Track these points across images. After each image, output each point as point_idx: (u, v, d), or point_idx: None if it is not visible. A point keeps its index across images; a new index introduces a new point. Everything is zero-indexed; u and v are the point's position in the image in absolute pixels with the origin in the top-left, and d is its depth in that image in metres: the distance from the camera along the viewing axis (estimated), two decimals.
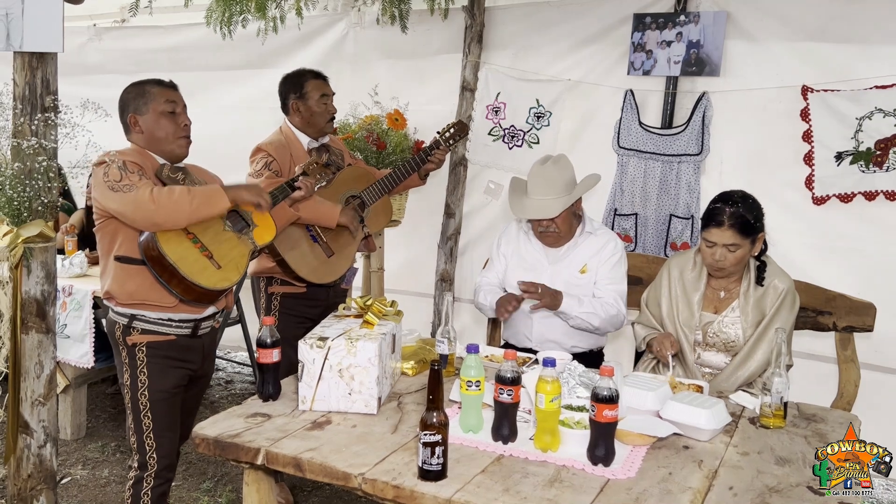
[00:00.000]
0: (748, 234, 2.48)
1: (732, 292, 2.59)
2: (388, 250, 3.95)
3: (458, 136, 3.30)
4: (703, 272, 2.62)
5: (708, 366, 2.61)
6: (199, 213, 2.21)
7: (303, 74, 3.03)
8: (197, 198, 2.20)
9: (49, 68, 2.08)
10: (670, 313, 2.64)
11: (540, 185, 2.75)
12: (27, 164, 2.06)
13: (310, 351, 2.04)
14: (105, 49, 4.85)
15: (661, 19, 3.48)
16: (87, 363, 3.51)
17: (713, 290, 2.62)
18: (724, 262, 2.50)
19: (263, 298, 3.02)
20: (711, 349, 2.59)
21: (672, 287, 2.66)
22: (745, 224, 2.46)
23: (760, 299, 2.53)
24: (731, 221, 2.45)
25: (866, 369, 2.82)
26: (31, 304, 2.17)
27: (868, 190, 3.16)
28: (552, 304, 2.71)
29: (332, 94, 3.05)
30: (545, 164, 2.79)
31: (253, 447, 1.86)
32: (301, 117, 3.00)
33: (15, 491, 2.24)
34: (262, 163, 2.86)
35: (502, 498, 1.63)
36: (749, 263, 2.57)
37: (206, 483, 3.34)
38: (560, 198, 2.72)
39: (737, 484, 1.75)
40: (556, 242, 2.85)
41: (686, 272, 2.66)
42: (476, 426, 1.94)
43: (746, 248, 2.50)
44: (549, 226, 2.78)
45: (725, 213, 2.47)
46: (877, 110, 3.10)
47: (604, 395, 1.74)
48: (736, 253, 2.48)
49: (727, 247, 2.47)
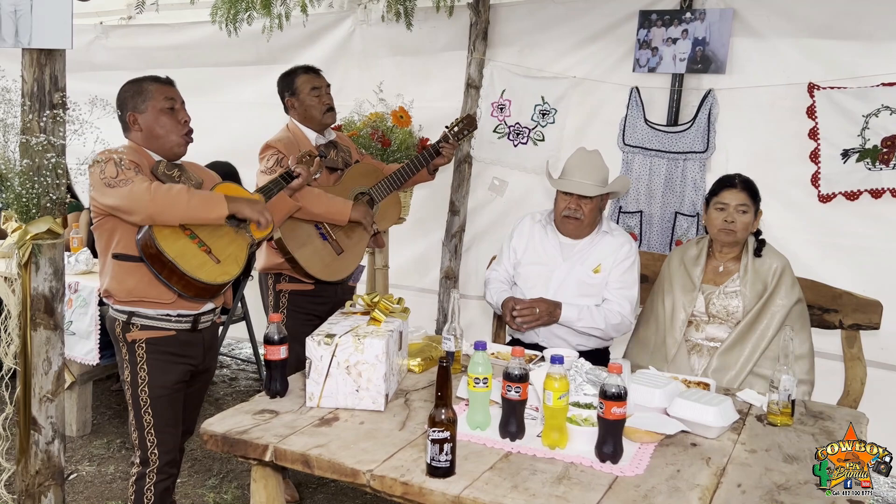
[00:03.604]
0: (754, 200, 2.69)
1: (731, 269, 2.72)
2: (393, 247, 3.96)
3: (468, 130, 3.31)
4: (704, 250, 2.75)
5: (713, 339, 2.67)
6: (196, 214, 2.21)
7: (293, 71, 3.04)
8: (195, 198, 2.20)
9: (58, 65, 2.07)
10: (671, 292, 2.73)
11: (582, 167, 2.82)
12: (36, 160, 2.06)
13: (317, 348, 2.04)
14: (112, 47, 4.87)
15: (666, 16, 3.47)
16: (92, 360, 3.52)
17: (713, 266, 2.74)
18: (735, 225, 2.64)
19: (271, 296, 3.02)
20: (715, 320, 2.67)
21: (673, 269, 2.78)
22: (753, 190, 2.70)
23: (759, 269, 2.66)
24: (742, 185, 2.69)
25: (872, 367, 2.83)
26: (40, 301, 2.17)
27: (874, 188, 3.16)
28: (550, 319, 2.76)
29: (324, 86, 3.04)
30: (590, 152, 2.88)
31: (261, 444, 1.86)
32: (298, 113, 3.01)
33: (23, 487, 2.24)
34: (273, 159, 2.86)
35: (511, 495, 1.63)
36: (748, 241, 2.72)
37: (211, 479, 3.35)
38: (597, 185, 2.81)
39: (745, 481, 1.75)
40: (576, 231, 2.86)
41: (686, 254, 2.79)
42: (483, 423, 1.95)
43: (751, 216, 2.68)
44: (577, 209, 2.80)
45: (737, 178, 2.72)
46: (883, 108, 3.09)
47: (612, 393, 1.74)
48: (745, 217, 2.65)
49: (738, 208, 2.65)
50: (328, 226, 2.94)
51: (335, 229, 2.95)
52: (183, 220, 2.22)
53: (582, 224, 2.83)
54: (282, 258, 2.89)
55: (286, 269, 2.94)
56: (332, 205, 2.86)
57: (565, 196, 2.83)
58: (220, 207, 2.24)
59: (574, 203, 2.81)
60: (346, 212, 2.88)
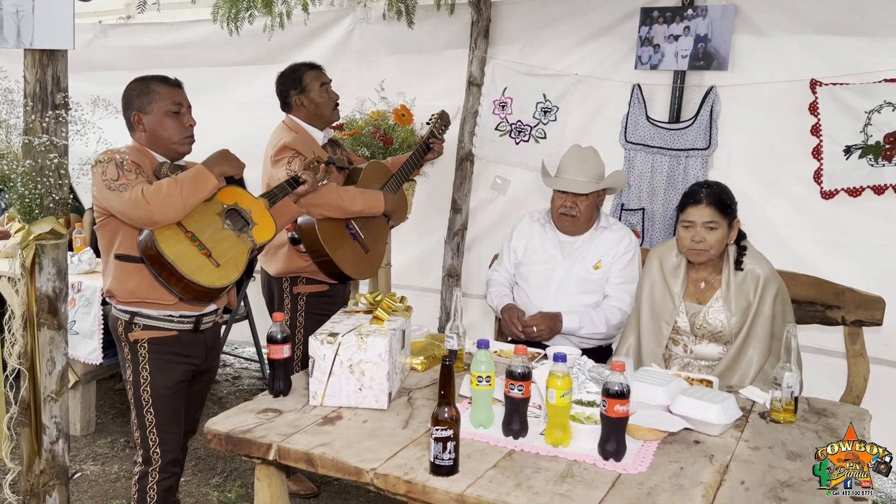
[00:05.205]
0: (725, 214, 2.52)
1: (713, 283, 2.60)
2: (396, 246, 3.96)
3: (445, 126, 3.40)
4: (683, 262, 2.63)
5: (703, 358, 2.61)
6: (193, 199, 2.21)
7: (298, 68, 3.03)
8: (185, 185, 2.20)
9: (59, 65, 2.08)
10: (650, 302, 2.64)
11: (575, 164, 2.82)
12: (38, 161, 2.06)
13: (320, 347, 2.05)
14: (111, 46, 4.86)
15: (668, 13, 3.47)
16: (95, 359, 3.53)
17: (693, 280, 2.62)
18: (704, 244, 2.51)
19: (288, 299, 3.00)
20: (702, 341, 2.59)
21: (653, 277, 2.68)
22: (722, 203, 2.52)
23: (741, 285, 2.54)
24: (708, 199, 2.52)
25: (875, 363, 2.82)
26: (43, 301, 2.17)
27: (877, 184, 3.15)
28: (551, 333, 2.77)
29: (330, 81, 3.04)
30: (584, 149, 2.87)
31: (265, 442, 1.86)
32: (306, 111, 2.99)
33: (28, 487, 2.25)
34: (297, 161, 2.77)
35: (514, 493, 1.64)
36: (727, 251, 2.58)
37: (215, 478, 3.36)
38: (591, 181, 2.80)
39: (748, 478, 1.75)
40: (573, 228, 2.86)
41: (666, 261, 2.66)
42: (487, 421, 1.95)
43: (724, 231, 2.52)
44: (572, 207, 2.81)
45: (702, 192, 2.55)
46: (886, 104, 3.08)
47: (615, 391, 1.74)
48: (714, 233, 2.51)
49: (706, 225, 2.51)
50: (357, 226, 2.94)
51: (363, 228, 2.96)
52: (186, 211, 2.21)
53: (578, 221, 2.84)
54: (307, 261, 2.88)
55: (307, 271, 2.93)
56: (367, 199, 2.89)
57: (561, 194, 2.84)
58: (208, 180, 2.24)
59: (570, 201, 2.81)
60: (381, 203, 2.92)
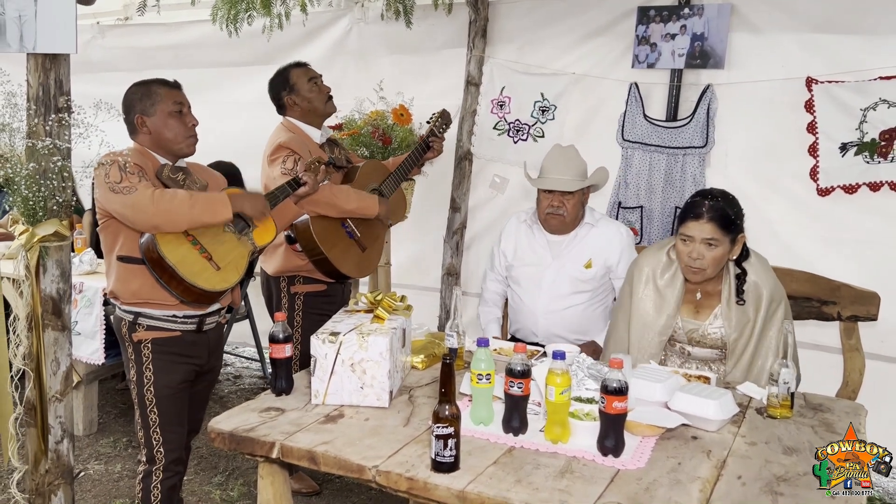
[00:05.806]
0: (728, 231, 2.34)
1: (712, 295, 2.45)
2: (395, 245, 3.98)
3: (447, 125, 3.39)
4: (678, 273, 2.46)
5: (701, 359, 2.53)
6: (200, 219, 2.24)
7: (285, 70, 3.06)
8: (198, 204, 2.22)
9: (62, 69, 2.10)
10: (641, 315, 2.47)
11: (559, 164, 2.84)
12: (42, 164, 2.08)
13: (322, 346, 2.07)
14: (109, 47, 4.86)
15: (665, 12, 3.49)
16: (98, 359, 3.55)
17: (689, 290, 2.46)
18: (702, 262, 2.34)
19: (286, 298, 3.01)
20: (698, 345, 2.51)
21: (644, 289, 2.50)
22: (725, 218, 2.33)
23: (744, 308, 2.40)
24: (710, 214, 2.33)
25: (870, 359, 2.84)
26: (47, 303, 2.19)
27: (873, 181, 3.17)
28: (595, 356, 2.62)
29: (319, 76, 3.05)
30: (565, 148, 2.90)
31: (268, 441, 1.89)
32: (300, 108, 3.00)
33: (34, 486, 2.27)
34: (292, 160, 2.80)
35: (514, 489, 1.66)
36: (728, 266, 2.42)
37: (217, 477, 3.38)
38: (576, 179, 2.82)
39: (745, 473, 1.77)
40: (560, 227, 2.88)
41: (658, 273, 2.49)
42: (487, 419, 1.97)
43: (725, 248, 2.34)
44: (559, 206, 2.82)
45: (704, 205, 2.35)
46: (881, 101, 3.11)
47: (613, 387, 1.76)
48: (714, 251, 2.33)
49: (706, 242, 2.33)
50: (353, 224, 2.96)
51: (359, 227, 2.97)
52: (188, 227, 2.24)
53: (566, 220, 2.86)
54: (304, 260, 2.89)
55: (304, 271, 2.94)
56: (361, 199, 2.90)
57: (547, 194, 2.85)
58: (224, 211, 2.26)
59: (557, 200, 2.83)
60: (375, 206, 2.92)
